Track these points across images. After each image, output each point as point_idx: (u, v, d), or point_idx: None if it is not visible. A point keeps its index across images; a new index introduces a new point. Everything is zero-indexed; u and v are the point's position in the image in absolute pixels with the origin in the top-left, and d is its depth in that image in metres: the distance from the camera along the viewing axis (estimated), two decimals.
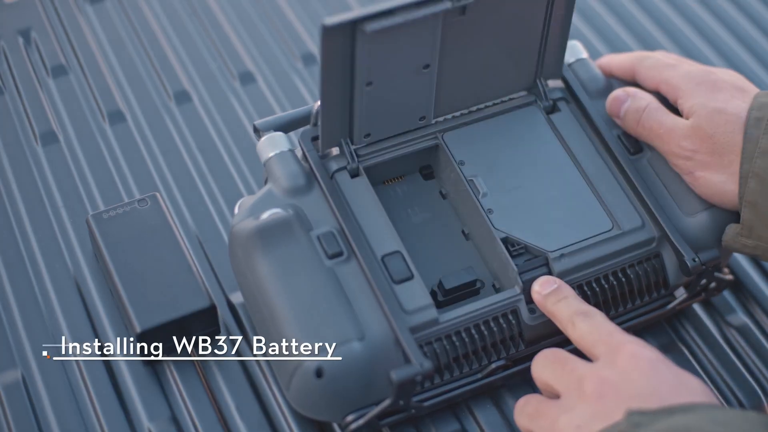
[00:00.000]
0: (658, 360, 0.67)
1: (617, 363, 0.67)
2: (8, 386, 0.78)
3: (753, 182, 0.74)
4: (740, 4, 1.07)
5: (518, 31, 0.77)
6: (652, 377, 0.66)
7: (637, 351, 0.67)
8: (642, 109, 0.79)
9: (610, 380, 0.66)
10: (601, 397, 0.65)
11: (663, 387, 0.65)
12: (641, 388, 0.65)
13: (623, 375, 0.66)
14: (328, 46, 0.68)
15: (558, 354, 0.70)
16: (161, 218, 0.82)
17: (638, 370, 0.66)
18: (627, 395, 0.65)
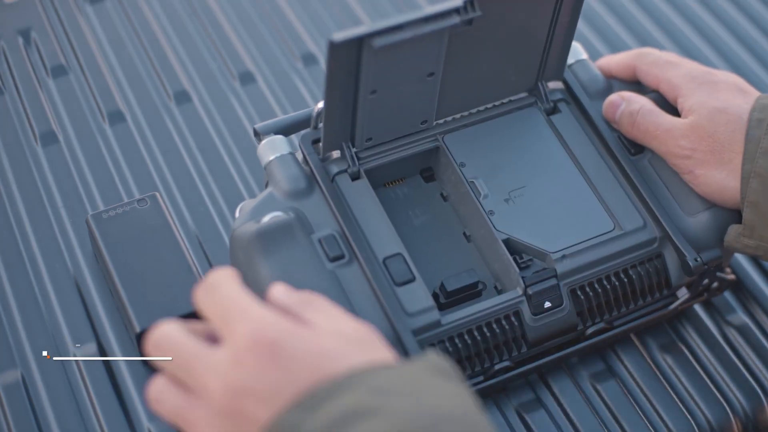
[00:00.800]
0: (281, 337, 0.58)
1: (243, 359, 0.57)
2: (8, 386, 0.78)
3: (755, 182, 0.74)
4: (740, 4, 1.07)
5: (523, 38, 0.77)
6: (286, 362, 0.57)
7: (255, 335, 0.57)
8: (636, 112, 0.79)
9: (241, 385, 0.57)
10: (237, 406, 0.57)
11: (304, 367, 0.56)
12: (278, 380, 0.56)
13: (254, 374, 0.57)
14: (334, 59, 0.68)
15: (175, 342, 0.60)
16: (161, 218, 0.82)
17: (267, 360, 0.57)
18: (264, 395, 0.56)
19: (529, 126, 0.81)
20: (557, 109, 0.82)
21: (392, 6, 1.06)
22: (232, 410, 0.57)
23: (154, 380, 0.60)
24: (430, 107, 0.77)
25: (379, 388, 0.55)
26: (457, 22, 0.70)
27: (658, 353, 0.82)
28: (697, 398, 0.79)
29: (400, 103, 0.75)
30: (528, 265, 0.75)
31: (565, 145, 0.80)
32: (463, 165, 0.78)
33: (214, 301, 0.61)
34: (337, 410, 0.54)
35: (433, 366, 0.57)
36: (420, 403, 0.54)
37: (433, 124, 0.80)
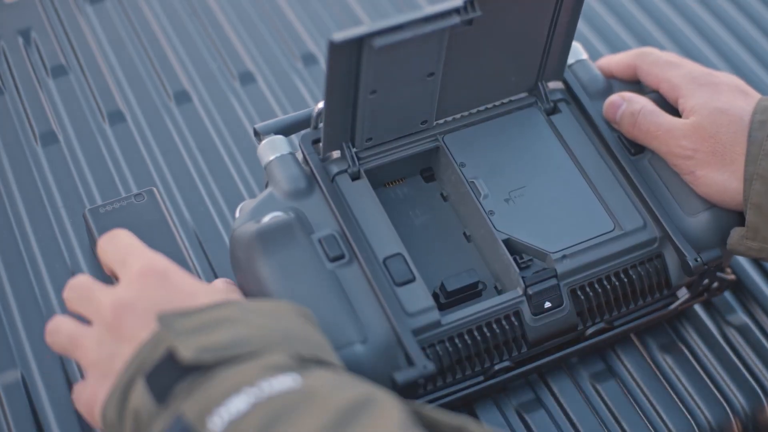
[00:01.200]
0: (170, 270, 0.67)
1: (133, 282, 0.66)
2: (8, 386, 0.78)
3: (758, 184, 0.74)
4: (740, 4, 1.07)
5: (523, 38, 0.77)
6: (169, 287, 0.66)
7: (147, 265, 0.67)
8: (637, 112, 0.79)
9: (126, 300, 0.65)
10: (120, 318, 0.64)
11: (183, 293, 0.66)
12: (160, 299, 0.65)
13: (139, 292, 0.66)
14: (334, 60, 0.68)
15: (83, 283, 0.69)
16: (158, 213, 0.83)
17: (153, 283, 0.66)
18: (144, 309, 0.64)
19: (529, 126, 0.81)
20: (557, 109, 0.82)
21: (392, 6, 1.06)
22: (116, 324, 0.64)
23: (54, 316, 0.69)
24: (430, 107, 0.77)
25: (248, 308, 0.64)
26: (457, 22, 0.70)
27: (658, 353, 0.82)
28: (697, 398, 0.79)
29: (400, 103, 0.75)
30: (528, 265, 0.75)
31: (565, 145, 0.80)
32: (463, 165, 0.78)
33: (115, 247, 0.70)
34: (208, 318, 0.62)
35: (296, 308, 0.66)
36: (277, 323, 0.63)
37: (433, 124, 0.80)
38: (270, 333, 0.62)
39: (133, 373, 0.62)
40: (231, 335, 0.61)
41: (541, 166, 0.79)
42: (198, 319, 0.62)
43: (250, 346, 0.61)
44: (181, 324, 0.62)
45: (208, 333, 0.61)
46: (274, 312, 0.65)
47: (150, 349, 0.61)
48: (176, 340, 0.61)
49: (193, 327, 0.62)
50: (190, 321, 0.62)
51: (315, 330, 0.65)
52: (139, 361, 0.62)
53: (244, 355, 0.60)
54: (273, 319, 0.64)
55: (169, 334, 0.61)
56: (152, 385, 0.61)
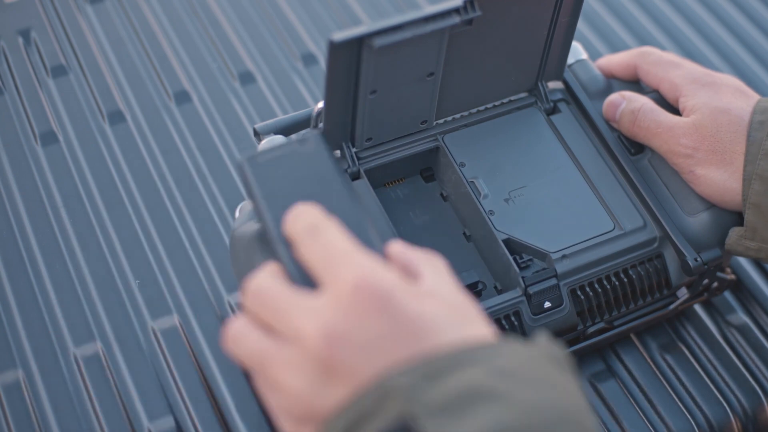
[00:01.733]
0: (392, 289, 0.53)
1: (344, 304, 0.53)
2: (8, 386, 0.78)
3: (757, 184, 0.74)
4: (740, 4, 1.07)
5: (523, 38, 0.77)
6: (393, 315, 0.52)
7: (363, 282, 0.53)
8: (637, 110, 0.79)
9: (339, 331, 0.52)
10: (332, 352, 0.52)
11: (411, 327, 0.52)
12: (382, 332, 0.52)
13: (355, 320, 0.52)
14: (334, 59, 0.68)
15: (269, 292, 0.56)
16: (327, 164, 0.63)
17: (372, 309, 0.52)
18: (363, 343, 0.52)
19: (529, 126, 0.81)
20: (557, 109, 0.82)
21: (392, 6, 1.06)
22: (326, 357, 0.52)
23: (235, 319, 0.56)
24: (430, 107, 0.77)
25: (500, 370, 0.51)
26: (457, 22, 0.70)
27: (658, 353, 0.82)
28: (697, 398, 0.79)
29: (400, 103, 0.75)
30: (528, 265, 0.75)
31: (565, 145, 0.80)
32: (463, 165, 0.78)
33: (316, 244, 0.56)
34: (458, 386, 0.50)
35: (549, 353, 0.53)
36: (541, 396, 0.51)
37: (433, 124, 0.80)
38: (539, 422, 0.50)
39: (352, 422, 0.51)
40: (492, 423, 0.49)
41: (541, 166, 0.79)
42: (447, 386, 0.50)
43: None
44: (428, 393, 0.50)
45: (463, 416, 0.49)
46: (534, 373, 0.52)
47: (376, 401, 0.50)
48: (425, 421, 0.49)
49: (443, 402, 0.49)
50: (439, 389, 0.50)
51: (575, 387, 0.53)
52: (360, 411, 0.51)
53: None
54: (537, 389, 0.51)
55: (413, 405, 0.49)
56: None
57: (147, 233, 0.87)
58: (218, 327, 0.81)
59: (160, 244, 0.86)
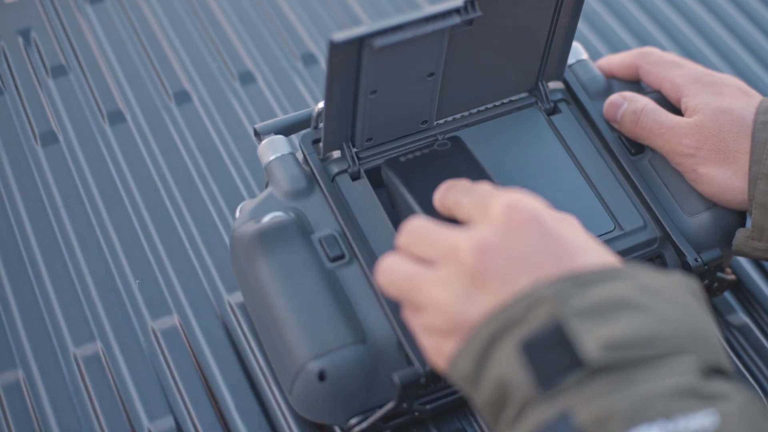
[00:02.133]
0: (542, 211, 0.58)
1: (494, 221, 0.58)
2: (8, 386, 0.78)
3: (763, 184, 0.74)
4: (740, 4, 1.07)
5: (523, 38, 0.77)
6: (543, 233, 0.57)
7: (514, 203, 0.58)
8: (640, 111, 0.79)
9: (492, 243, 0.57)
10: (485, 261, 0.56)
11: (561, 244, 0.57)
12: (534, 247, 0.56)
13: (507, 235, 0.57)
14: (334, 59, 0.68)
15: (426, 225, 0.61)
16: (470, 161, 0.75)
17: (523, 226, 0.57)
18: (515, 255, 0.56)
19: (529, 126, 0.81)
20: (557, 110, 0.82)
21: (392, 6, 1.06)
22: (478, 268, 0.56)
23: (386, 255, 0.62)
24: (431, 107, 0.77)
25: (643, 286, 0.55)
26: (457, 22, 0.70)
27: None
28: None
29: (400, 103, 0.75)
30: None
31: (565, 146, 0.80)
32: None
33: (471, 193, 0.62)
34: (605, 294, 0.54)
35: (686, 282, 0.57)
36: (679, 313, 0.55)
37: (434, 124, 0.80)
38: (678, 331, 0.54)
39: (499, 328, 0.54)
40: (635, 329, 0.53)
41: (541, 166, 0.79)
42: (595, 294, 0.53)
43: (658, 348, 0.52)
44: (578, 298, 0.53)
45: (607, 320, 0.53)
46: (675, 294, 0.56)
47: (525, 308, 0.54)
48: (574, 321, 0.53)
49: (591, 306, 0.53)
50: (587, 297, 0.53)
51: (709, 317, 0.56)
52: (508, 317, 0.54)
53: (651, 360, 0.52)
54: (677, 307, 0.55)
55: (563, 307, 0.53)
56: (532, 359, 0.53)
57: (147, 233, 0.87)
58: (218, 327, 0.81)
59: (160, 244, 0.86)
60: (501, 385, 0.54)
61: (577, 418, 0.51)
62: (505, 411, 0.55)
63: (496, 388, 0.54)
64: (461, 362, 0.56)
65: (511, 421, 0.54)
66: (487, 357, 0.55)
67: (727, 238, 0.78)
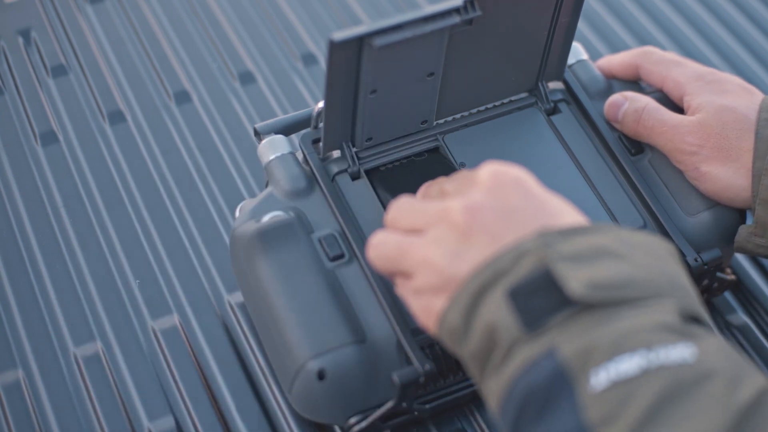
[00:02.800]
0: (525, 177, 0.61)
1: (482, 185, 0.61)
2: (8, 386, 0.78)
3: (767, 180, 0.74)
4: (740, 4, 1.07)
5: (523, 38, 0.77)
6: (528, 195, 0.60)
7: (499, 169, 0.61)
8: (641, 109, 0.79)
9: (480, 202, 0.60)
10: (473, 218, 0.59)
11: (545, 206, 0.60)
12: (519, 206, 0.59)
13: (495, 195, 0.60)
14: (334, 59, 0.68)
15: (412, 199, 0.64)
16: None
17: (509, 189, 0.60)
18: (502, 212, 0.59)
19: (529, 126, 0.81)
20: (557, 110, 0.82)
21: (392, 6, 1.06)
22: (468, 225, 0.59)
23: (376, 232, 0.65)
24: (430, 107, 0.77)
25: (623, 239, 0.58)
26: (457, 22, 0.70)
27: None
28: None
29: (400, 103, 0.75)
30: None
31: (565, 146, 0.80)
32: (463, 165, 0.78)
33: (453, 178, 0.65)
34: (588, 244, 0.56)
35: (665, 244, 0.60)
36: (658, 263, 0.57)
37: (434, 124, 0.80)
38: (656, 278, 0.56)
39: (488, 279, 0.56)
40: (617, 272, 0.55)
41: (541, 166, 0.79)
42: (578, 243, 0.56)
43: (638, 290, 0.55)
44: (563, 246, 0.56)
45: (591, 264, 0.55)
46: (652, 249, 0.58)
47: (512, 259, 0.56)
48: (559, 264, 0.55)
49: (575, 253, 0.56)
50: (572, 244, 0.56)
51: (686, 275, 0.59)
52: (496, 268, 0.56)
53: (631, 301, 0.54)
54: (654, 259, 0.57)
55: (549, 253, 0.55)
56: (518, 304, 0.55)
57: (147, 233, 0.87)
58: (218, 327, 0.81)
59: (160, 244, 0.86)
60: (489, 332, 0.56)
61: (561, 352, 0.53)
62: (493, 354, 0.56)
63: (483, 335, 0.56)
64: (450, 315, 0.58)
65: (498, 362, 0.56)
66: (476, 307, 0.57)
67: (726, 238, 0.78)
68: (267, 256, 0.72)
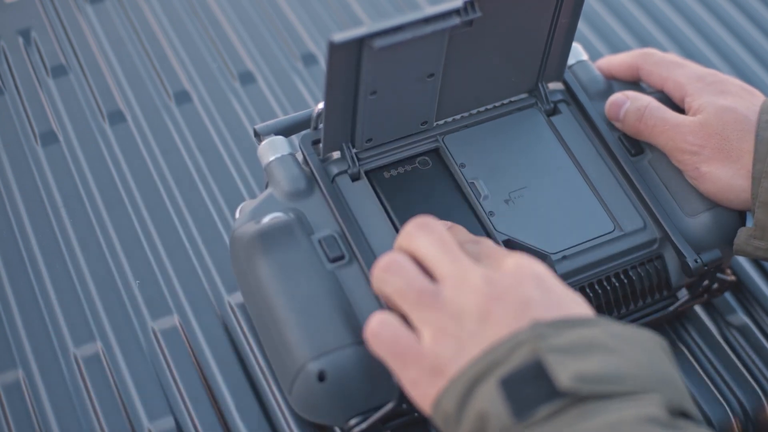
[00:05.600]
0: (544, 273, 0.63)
1: (504, 269, 0.62)
2: (8, 386, 0.78)
3: (767, 182, 0.74)
4: (740, 4, 1.07)
5: (523, 39, 0.77)
6: (542, 286, 0.61)
7: (522, 261, 0.63)
8: (644, 107, 0.79)
9: (499, 281, 0.61)
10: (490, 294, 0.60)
11: (554, 298, 0.61)
12: (533, 295, 0.61)
13: (513, 279, 0.61)
14: (334, 60, 0.68)
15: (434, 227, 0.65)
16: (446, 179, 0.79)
17: (527, 277, 0.62)
18: (518, 299, 0.60)
19: (529, 127, 0.81)
20: (557, 110, 0.82)
21: (392, 6, 1.06)
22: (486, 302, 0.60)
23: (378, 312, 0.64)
24: (430, 108, 0.77)
25: (615, 333, 0.59)
26: (457, 23, 0.70)
27: None
28: (697, 398, 0.79)
29: (400, 104, 0.75)
30: None
31: (565, 146, 0.80)
32: (463, 166, 0.78)
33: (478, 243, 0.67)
34: (580, 336, 0.58)
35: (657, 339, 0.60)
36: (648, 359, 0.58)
37: (433, 125, 0.80)
38: (645, 372, 0.57)
39: (483, 369, 0.58)
40: (606, 366, 0.57)
41: (541, 167, 0.79)
42: (570, 336, 0.58)
43: (626, 384, 0.56)
44: (555, 339, 0.57)
45: (582, 357, 0.57)
46: (643, 344, 0.59)
47: (508, 351, 0.58)
48: (549, 356, 0.57)
49: (566, 345, 0.57)
50: (564, 338, 0.58)
51: (676, 369, 0.60)
52: (493, 358, 0.58)
53: (619, 395, 0.56)
54: (645, 353, 0.59)
55: (541, 344, 0.57)
56: (510, 393, 0.56)
57: (147, 233, 0.87)
58: (218, 327, 0.81)
59: (160, 244, 0.86)
60: (480, 419, 0.57)
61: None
62: None
63: (475, 422, 0.57)
64: (445, 401, 0.59)
65: None
66: (470, 395, 0.58)
67: (727, 239, 0.78)
68: (267, 258, 0.72)
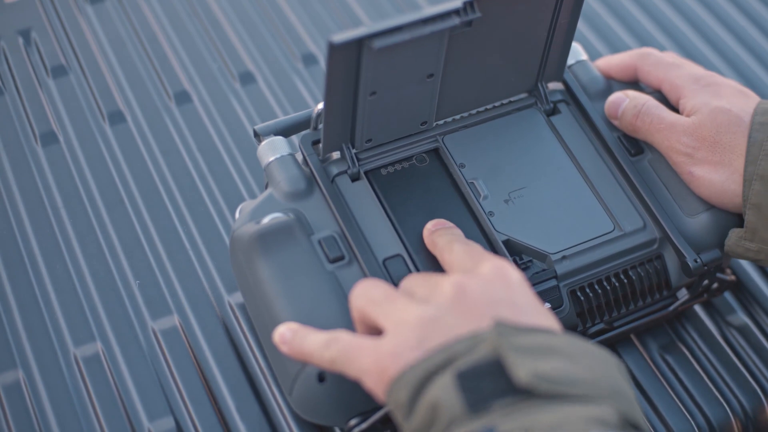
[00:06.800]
0: (521, 281, 0.65)
1: (480, 273, 0.65)
2: (8, 386, 0.78)
3: (757, 184, 0.74)
4: (740, 4, 1.07)
5: (522, 40, 0.77)
6: (514, 292, 0.64)
7: (501, 265, 0.65)
8: (641, 105, 0.79)
9: (471, 285, 0.63)
10: (460, 298, 0.63)
11: (523, 304, 0.63)
12: (502, 299, 0.63)
13: (486, 283, 0.64)
14: (333, 61, 0.68)
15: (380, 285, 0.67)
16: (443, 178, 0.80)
17: (500, 281, 0.64)
18: (487, 300, 0.63)
19: (528, 127, 0.81)
20: (557, 110, 0.82)
21: (392, 6, 1.06)
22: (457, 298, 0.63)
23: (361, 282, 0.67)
24: (430, 108, 0.77)
25: (577, 345, 0.61)
26: (456, 24, 0.70)
27: (658, 354, 0.82)
28: (697, 398, 0.79)
29: (399, 105, 0.75)
30: (528, 266, 0.75)
31: (564, 146, 0.80)
32: (462, 166, 0.78)
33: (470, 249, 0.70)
34: (540, 341, 0.60)
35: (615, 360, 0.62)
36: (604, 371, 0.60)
37: (433, 125, 0.80)
38: (601, 382, 0.59)
39: (441, 362, 0.59)
40: (563, 370, 0.58)
41: (541, 167, 0.79)
42: (532, 339, 0.60)
43: (581, 389, 0.58)
44: (517, 339, 0.59)
45: (541, 359, 0.59)
46: (601, 358, 0.61)
47: (467, 347, 0.59)
48: (510, 354, 0.58)
49: (527, 346, 0.59)
50: (526, 339, 0.60)
51: (630, 387, 0.62)
52: (451, 352, 0.59)
53: (572, 397, 0.58)
54: (601, 366, 0.61)
55: (503, 343, 0.59)
56: (465, 386, 0.58)
57: (147, 233, 0.87)
58: (218, 327, 0.81)
59: (160, 244, 0.86)
60: (432, 409, 0.58)
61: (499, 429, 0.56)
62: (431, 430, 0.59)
63: (426, 411, 0.58)
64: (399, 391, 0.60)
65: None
66: (424, 386, 0.59)
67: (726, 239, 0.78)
68: (267, 258, 0.72)
